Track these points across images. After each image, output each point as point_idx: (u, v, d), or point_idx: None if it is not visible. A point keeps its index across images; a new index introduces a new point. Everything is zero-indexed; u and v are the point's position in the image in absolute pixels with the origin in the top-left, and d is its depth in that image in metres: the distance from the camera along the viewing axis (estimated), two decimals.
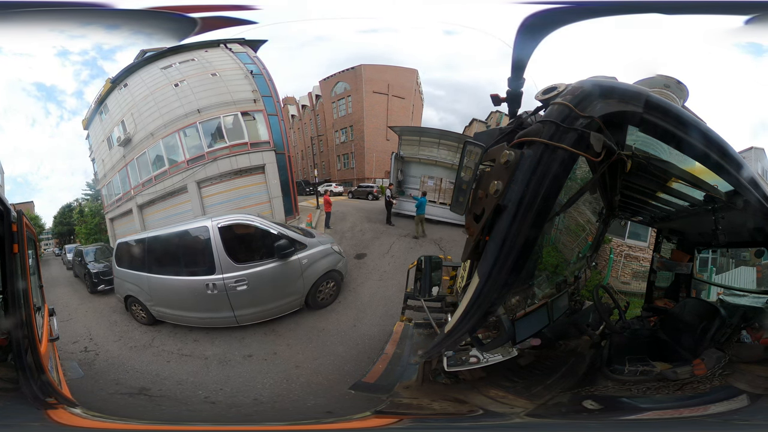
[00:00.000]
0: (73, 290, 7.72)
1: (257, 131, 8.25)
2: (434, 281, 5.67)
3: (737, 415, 3.62)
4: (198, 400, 5.40)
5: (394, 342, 5.62)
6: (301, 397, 5.36)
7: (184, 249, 6.80)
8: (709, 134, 3.21)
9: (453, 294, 5.57)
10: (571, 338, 5.20)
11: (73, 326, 6.75)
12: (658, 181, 4.38)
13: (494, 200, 2.98)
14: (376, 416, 4.23)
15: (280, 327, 6.57)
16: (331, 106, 9.78)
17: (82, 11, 5.82)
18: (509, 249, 2.96)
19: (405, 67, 8.92)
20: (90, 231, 8.37)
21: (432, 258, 5.74)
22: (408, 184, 9.13)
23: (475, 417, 4.03)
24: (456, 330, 3.58)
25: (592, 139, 2.81)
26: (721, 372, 4.01)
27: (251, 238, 6.77)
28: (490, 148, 3.21)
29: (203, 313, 6.53)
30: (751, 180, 3.53)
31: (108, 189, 8.40)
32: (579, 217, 7.11)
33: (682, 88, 5.05)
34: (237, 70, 8.14)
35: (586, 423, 3.88)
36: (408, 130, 9.08)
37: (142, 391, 5.52)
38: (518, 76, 4.14)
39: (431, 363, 4.55)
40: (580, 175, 4.19)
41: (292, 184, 8.53)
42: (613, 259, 8.02)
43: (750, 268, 5.37)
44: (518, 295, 5.03)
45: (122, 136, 8.16)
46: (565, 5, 5.25)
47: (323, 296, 6.93)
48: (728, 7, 5.40)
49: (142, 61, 7.85)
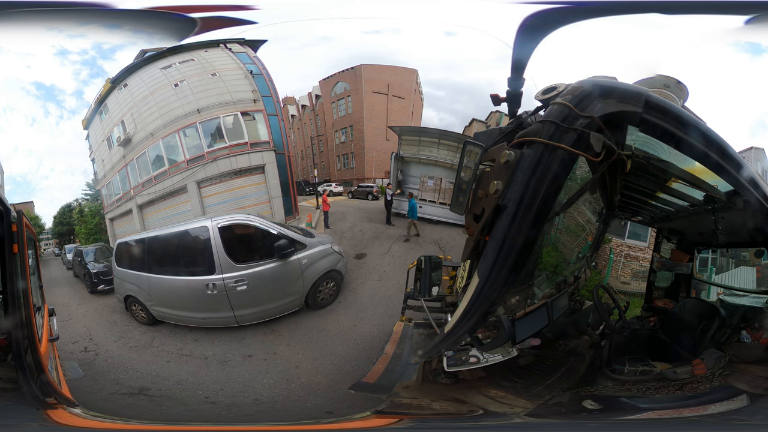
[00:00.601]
0: (73, 290, 7.72)
1: (257, 131, 8.25)
2: (434, 281, 5.67)
3: (737, 415, 3.62)
4: (198, 400, 5.40)
5: (393, 342, 5.62)
6: (301, 397, 5.36)
7: (183, 249, 6.80)
8: (709, 134, 3.21)
9: (453, 294, 5.57)
10: (571, 338, 5.20)
11: (72, 326, 6.74)
12: (657, 181, 4.38)
13: (494, 200, 2.98)
14: (377, 416, 4.23)
15: (280, 327, 6.57)
16: (330, 106, 9.78)
17: (82, 11, 5.81)
18: (509, 249, 2.96)
19: (405, 67, 8.92)
20: (90, 231, 8.36)
21: (432, 258, 5.74)
22: (408, 184, 9.12)
23: (476, 417, 4.03)
24: (456, 330, 3.58)
25: (591, 139, 2.82)
26: (721, 372, 4.01)
27: (251, 238, 6.77)
28: (489, 148, 3.22)
29: (203, 313, 6.53)
30: (750, 180, 3.54)
31: (108, 189, 8.39)
32: (579, 217, 7.12)
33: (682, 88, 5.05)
34: (237, 70, 8.14)
35: (585, 423, 3.88)
36: (408, 130, 9.07)
37: (142, 391, 5.52)
38: (518, 76, 4.13)
39: (431, 363, 4.54)
40: (580, 175, 4.20)
41: (291, 184, 8.52)
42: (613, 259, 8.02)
43: (750, 268, 5.37)
44: (518, 295, 5.03)
45: (122, 136, 8.15)
46: (565, 5, 5.25)
47: (323, 296, 6.93)
48: (728, 7, 5.40)
49: (142, 61, 7.84)
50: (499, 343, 4.31)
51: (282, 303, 6.63)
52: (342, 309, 6.91)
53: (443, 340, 3.85)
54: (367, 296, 7.09)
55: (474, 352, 4.34)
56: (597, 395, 4.08)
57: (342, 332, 6.46)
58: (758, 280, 5.21)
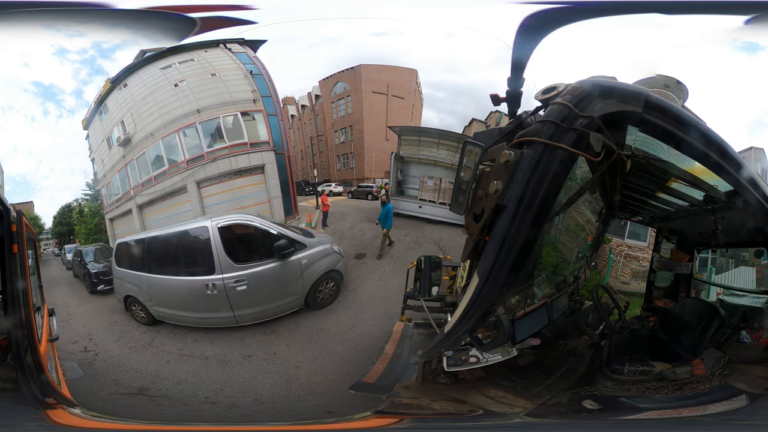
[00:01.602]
0: (73, 290, 7.72)
1: (257, 131, 8.25)
2: (434, 281, 5.67)
3: (736, 415, 3.62)
4: (198, 401, 5.39)
5: (393, 342, 5.62)
6: (301, 397, 5.36)
7: (183, 249, 6.80)
8: (709, 134, 3.21)
9: (452, 294, 5.56)
10: (571, 338, 5.20)
11: (72, 326, 6.74)
12: (657, 181, 4.38)
13: (494, 200, 2.98)
14: (377, 416, 4.23)
15: (280, 327, 6.57)
16: (330, 106, 9.78)
17: (82, 11, 5.81)
18: (509, 249, 2.96)
19: (404, 67, 8.92)
20: (90, 231, 8.36)
21: (432, 258, 5.74)
22: (407, 184, 9.13)
23: (476, 417, 4.03)
24: (456, 330, 3.58)
25: (591, 139, 2.81)
26: (721, 372, 4.01)
27: (251, 238, 6.77)
28: (489, 148, 3.21)
29: (203, 313, 6.53)
30: (750, 180, 3.53)
31: (107, 189, 8.39)
32: (578, 217, 7.12)
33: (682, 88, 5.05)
34: (236, 70, 8.14)
35: (585, 423, 3.88)
36: (407, 130, 9.08)
37: (141, 392, 5.52)
38: (518, 76, 4.13)
39: (431, 363, 4.54)
40: (580, 175, 4.19)
41: (291, 184, 8.52)
42: (613, 259, 8.02)
43: (749, 268, 5.37)
44: (518, 295, 5.04)
45: (122, 136, 8.15)
46: (565, 5, 5.25)
47: (323, 296, 6.93)
48: (728, 7, 5.40)
49: (142, 61, 7.84)
50: (499, 343, 4.31)
51: (282, 303, 6.63)
52: (342, 309, 6.91)
53: (443, 340, 3.85)
54: (366, 296, 7.09)
55: (474, 352, 4.34)
56: (597, 395, 4.08)
57: (342, 332, 6.46)
58: (758, 280, 5.21)
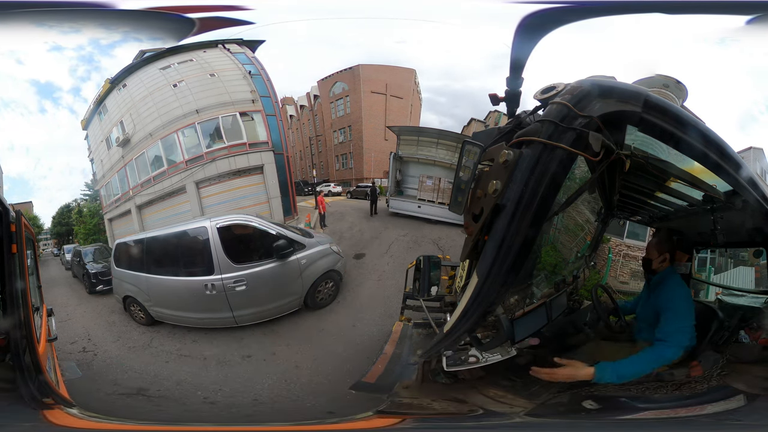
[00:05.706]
0: (72, 290, 7.70)
1: (256, 132, 8.24)
2: (433, 281, 5.66)
3: (733, 415, 3.63)
4: (197, 401, 5.39)
5: (393, 342, 5.61)
6: (301, 397, 5.36)
7: (182, 249, 6.79)
8: (708, 134, 3.20)
9: (452, 294, 5.56)
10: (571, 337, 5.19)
11: (71, 326, 6.73)
12: (656, 180, 4.38)
13: (493, 200, 2.97)
14: (379, 416, 4.22)
15: (279, 327, 6.56)
16: (329, 107, 9.77)
17: (82, 11, 5.81)
18: (508, 248, 2.95)
19: (403, 67, 8.92)
20: (89, 231, 8.35)
21: (431, 258, 5.73)
22: (407, 184, 9.13)
23: (476, 416, 4.03)
24: (455, 330, 3.57)
25: (590, 139, 2.81)
26: (719, 372, 4.02)
27: (250, 238, 6.77)
28: (488, 148, 3.21)
29: (202, 313, 6.52)
30: (749, 180, 3.53)
31: (107, 189, 8.38)
32: (578, 217, 7.12)
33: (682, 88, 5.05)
34: (235, 70, 8.13)
35: (585, 422, 3.89)
36: (406, 130, 9.08)
37: (140, 392, 5.51)
38: (517, 76, 4.13)
39: (430, 363, 4.53)
40: (579, 175, 4.19)
41: (290, 185, 8.52)
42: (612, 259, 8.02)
43: (748, 268, 5.37)
44: (517, 295, 5.04)
45: (121, 137, 8.14)
46: (565, 5, 5.25)
47: (322, 296, 6.92)
48: (728, 7, 5.40)
49: (141, 61, 7.83)
50: (498, 343, 4.31)
51: (281, 303, 6.62)
52: (341, 309, 6.91)
53: (442, 339, 3.85)
54: (366, 296, 7.09)
55: (473, 351, 4.33)
56: (596, 395, 4.08)
57: (341, 332, 6.46)
58: (757, 280, 5.21)
